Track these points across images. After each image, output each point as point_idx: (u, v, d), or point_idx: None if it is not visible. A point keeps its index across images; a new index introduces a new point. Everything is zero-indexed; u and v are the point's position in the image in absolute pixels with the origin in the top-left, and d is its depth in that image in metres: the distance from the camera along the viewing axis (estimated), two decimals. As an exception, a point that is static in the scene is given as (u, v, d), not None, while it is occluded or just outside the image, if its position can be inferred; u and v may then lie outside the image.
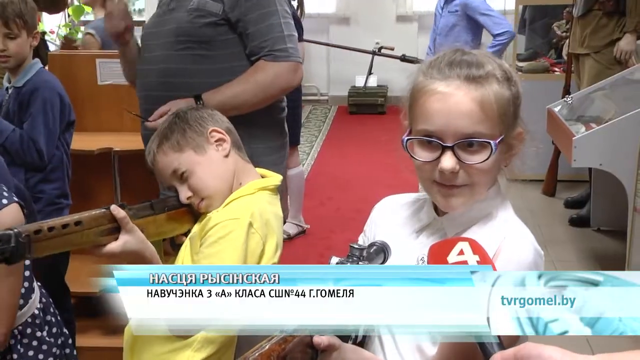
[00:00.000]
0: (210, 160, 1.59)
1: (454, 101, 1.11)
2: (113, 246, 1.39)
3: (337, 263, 1.08)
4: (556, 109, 4.12)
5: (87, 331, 2.87)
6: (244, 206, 1.55)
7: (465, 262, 0.91)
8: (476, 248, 0.94)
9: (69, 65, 3.16)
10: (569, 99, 4.24)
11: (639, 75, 3.85)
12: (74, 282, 2.70)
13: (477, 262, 0.91)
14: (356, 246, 1.10)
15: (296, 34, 2.16)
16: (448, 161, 1.11)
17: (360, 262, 1.09)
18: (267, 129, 2.18)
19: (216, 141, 1.61)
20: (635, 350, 0.79)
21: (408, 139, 1.15)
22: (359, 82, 7.66)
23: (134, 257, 1.41)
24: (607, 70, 4.29)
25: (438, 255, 0.95)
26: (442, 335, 0.86)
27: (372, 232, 1.29)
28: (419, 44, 7.35)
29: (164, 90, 2.08)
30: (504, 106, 1.13)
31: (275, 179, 1.67)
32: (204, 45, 2.07)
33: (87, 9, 5.21)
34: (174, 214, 1.58)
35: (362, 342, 1.09)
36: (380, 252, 1.13)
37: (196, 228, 1.57)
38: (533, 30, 5.96)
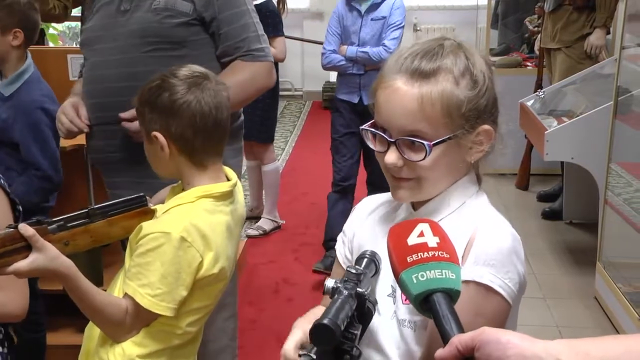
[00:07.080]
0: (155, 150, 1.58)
1: (399, 97, 1.09)
2: (20, 265, 1.35)
3: (332, 286, 1.01)
4: (529, 103, 4.16)
5: (59, 329, 2.84)
6: (178, 219, 1.49)
7: (425, 244, 0.89)
8: (436, 230, 0.92)
9: (40, 61, 3.09)
10: (541, 93, 4.29)
11: (609, 70, 3.89)
12: (46, 280, 2.67)
13: (437, 243, 0.89)
14: (353, 271, 1.04)
15: (265, 34, 2.09)
16: (390, 156, 1.11)
17: (357, 287, 1.01)
18: (232, 134, 2.03)
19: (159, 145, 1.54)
20: (595, 337, 0.80)
21: (362, 129, 1.16)
22: (334, 77, 7.51)
23: (47, 273, 1.39)
24: (578, 64, 4.34)
25: (398, 237, 0.93)
26: None
27: (351, 231, 1.28)
28: (393, 39, 7.35)
29: (129, 95, 1.85)
30: (452, 105, 1.08)
31: (221, 185, 1.58)
32: (176, 45, 1.97)
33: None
34: (120, 219, 1.51)
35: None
36: (370, 263, 1.11)
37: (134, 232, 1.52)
38: (505, 25, 6.01)
